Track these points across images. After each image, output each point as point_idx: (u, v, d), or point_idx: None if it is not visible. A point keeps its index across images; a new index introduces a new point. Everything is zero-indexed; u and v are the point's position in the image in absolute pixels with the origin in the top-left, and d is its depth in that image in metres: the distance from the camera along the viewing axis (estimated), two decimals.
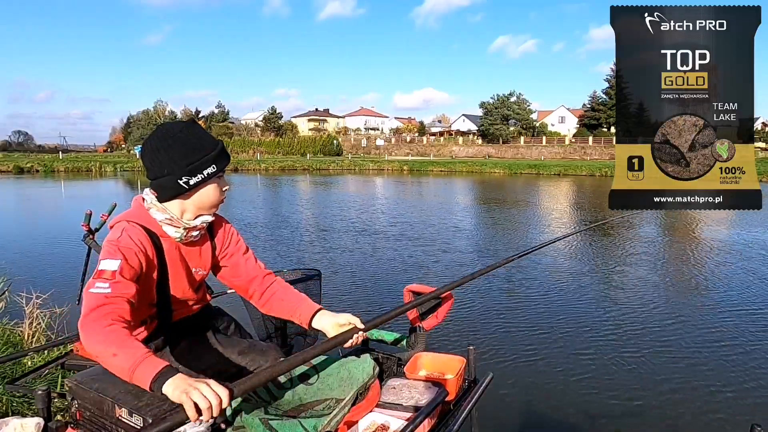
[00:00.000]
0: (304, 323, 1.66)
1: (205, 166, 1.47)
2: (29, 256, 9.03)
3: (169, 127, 1.50)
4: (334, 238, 11.29)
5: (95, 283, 1.30)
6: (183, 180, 1.44)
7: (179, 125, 1.51)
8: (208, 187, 1.50)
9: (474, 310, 6.19)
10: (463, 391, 1.78)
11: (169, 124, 1.52)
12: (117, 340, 1.20)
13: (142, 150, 1.51)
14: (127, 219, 1.47)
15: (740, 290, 7.13)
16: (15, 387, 2.09)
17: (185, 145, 1.45)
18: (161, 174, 1.45)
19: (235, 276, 1.72)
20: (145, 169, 1.50)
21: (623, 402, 4.02)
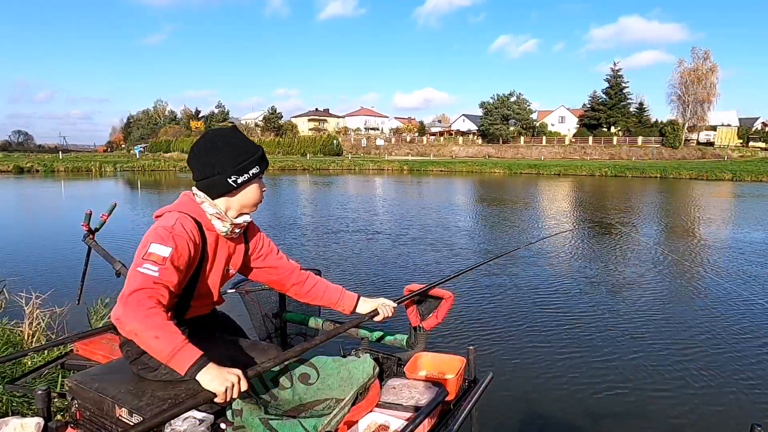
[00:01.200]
0: (348, 310, 1.90)
1: (250, 167, 1.60)
2: (29, 256, 9.03)
3: (218, 132, 1.63)
4: (334, 238, 11.29)
5: (144, 264, 1.38)
6: (232, 179, 1.57)
7: (226, 131, 1.64)
8: (251, 187, 1.63)
9: (474, 310, 6.19)
10: (463, 391, 1.78)
11: (216, 130, 1.65)
12: (160, 324, 1.31)
13: (190, 152, 1.62)
14: (179, 210, 1.56)
15: (740, 290, 7.13)
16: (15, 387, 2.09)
17: (234, 148, 1.58)
18: (212, 173, 1.57)
19: (273, 275, 1.87)
20: (193, 169, 1.61)
21: (623, 402, 4.01)
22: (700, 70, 56.72)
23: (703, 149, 54.10)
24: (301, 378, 1.64)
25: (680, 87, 57.56)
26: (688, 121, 57.31)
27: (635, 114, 63.26)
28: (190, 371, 1.28)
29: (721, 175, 35.93)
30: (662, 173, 38.28)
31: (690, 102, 56.76)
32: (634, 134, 58.97)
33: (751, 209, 18.08)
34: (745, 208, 18.48)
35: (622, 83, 62.44)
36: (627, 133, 60.27)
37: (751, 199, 21.89)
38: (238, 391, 1.28)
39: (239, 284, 2.48)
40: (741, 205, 19.77)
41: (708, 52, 57.26)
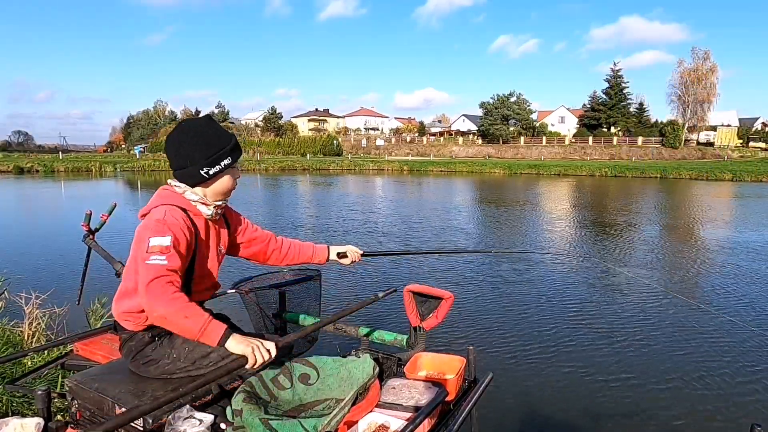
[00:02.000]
0: (323, 259, 2.15)
1: (222, 158, 1.66)
2: (29, 256, 9.03)
3: (190, 123, 1.68)
4: (334, 238, 11.28)
5: (150, 256, 1.46)
6: (204, 170, 1.64)
7: (199, 121, 1.68)
8: (224, 177, 1.70)
9: (474, 310, 6.19)
10: (463, 391, 1.78)
11: (189, 120, 1.69)
12: (186, 306, 1.44)
13: (166, 143, 1.68)
14: (163, 203, 1.62)
15: (740, 290, 7.13)
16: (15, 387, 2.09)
17: (206, 139, 1.64)
18: (185, 165, 1.64)
19: (254, 246, 2.00)
20: (169, 159, 1.68)
21: (623, 402, 4.02)
22: (700, 70, 56.72)
23: (703, 149, 54.10)
24: (301, 378, 1.65)
25: (680, 87, 57.58)
26: (688, 121, 57.31)
27: (635, 114, 63.26)
28: (221, 341, 1.44)
29: (721, 176, 35.94)
30: (662, 173, 38.29)
31: (690, 102, 56.75)
32: (634, 134, 58.97)
33: (751, 209, 18.08)
34: (745, 209, 18.48)
35: (622, 83, 62.45)
36: (627, 134, 60.27)
37: (751, 200, 21.89)
38: (265, 354, 1.44)
39: (239, 284, 2.48)
40: (741, 206, 19.77)
41: (708, 52, 57.32)
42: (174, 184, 1.67)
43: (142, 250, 1.49)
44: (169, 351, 1.64)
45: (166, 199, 1.64)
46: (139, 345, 1.63)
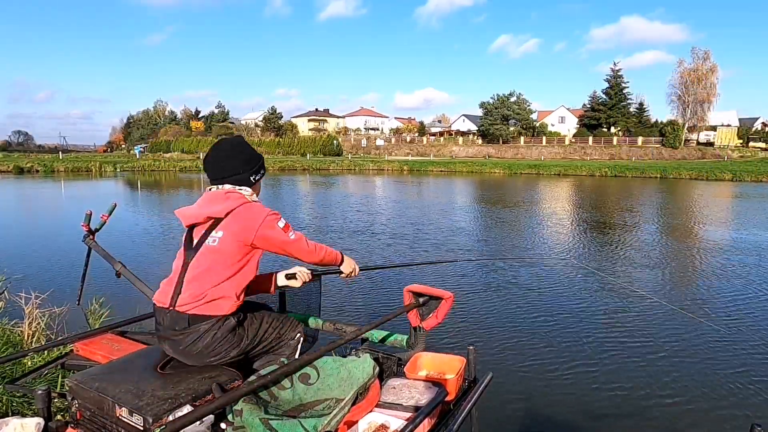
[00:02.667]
0: (272, 288, 2.25)
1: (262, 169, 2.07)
2: (29, 256, 9.03)
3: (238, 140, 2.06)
4: (334, 238, 11.29)
5: (288, 233, 1.90)
6: (253, 177, 2.00)
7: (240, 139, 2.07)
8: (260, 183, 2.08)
9: (474, 310, 6.19)
10: (463, 391, 1.78)
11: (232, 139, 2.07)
12: (325, 247, 2.06)
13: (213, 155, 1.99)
14: (246, 201, 1.92)
15: (741, 290, 7.13)
16: (15, 387, 2.08)
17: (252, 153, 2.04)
18: (239, 172, 1.97)
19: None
20: (219, 169, 1.96)
21: (623, 402, 4.02)
22: (700, 70, 56.72)
23: (703, 149, 54.10)
24: (301, 378, 1.65)
25: (680, 87, 57.56)
26: (688, 121, 57.30)
27: (635, 114, 63.26)
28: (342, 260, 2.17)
29: (721, 176, 35.94)
30: (662, 173, 38.29)
31: (690, 102, 56.74)
32: (634, 134, 58.96)
33: (752, 209, 18.08)
34: (745, 209, 18.48)
35: (622, 83, 62.45)
36: (627, 134, 60.27)
37: (751, 200, 21.89)
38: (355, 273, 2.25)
39: None
40: (741, 206, 19.77)
41: (708, 52, 57.31)
42: (237, 188, 1.95)
43: (279, 236, 1.88)
44: (245, 331, 1.85)
45: (243, 198, 1.93)
46: (226, 330, 1.79)
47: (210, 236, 1.85)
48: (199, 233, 1.90)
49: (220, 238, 1.83)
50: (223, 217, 1.85)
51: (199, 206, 1.94)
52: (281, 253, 1.93)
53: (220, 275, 1.80)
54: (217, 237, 1.84)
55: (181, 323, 1.77)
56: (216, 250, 1.82)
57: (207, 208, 1.89)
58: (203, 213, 1.88)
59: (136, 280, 2.80)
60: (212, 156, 1.99)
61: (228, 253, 1.83)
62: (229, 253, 1.83)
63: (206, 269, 1.81)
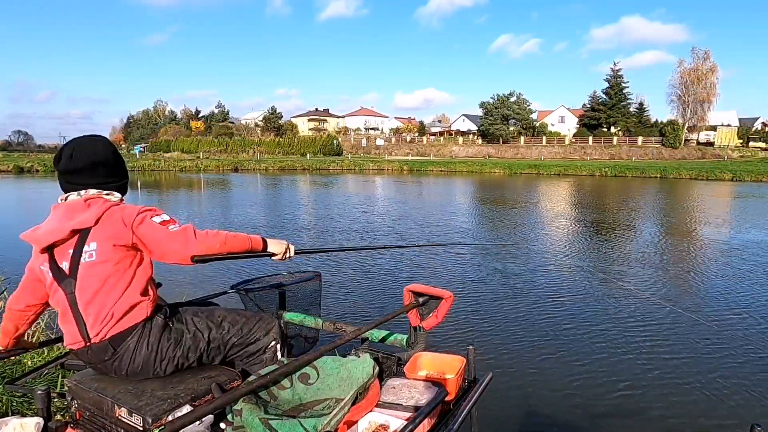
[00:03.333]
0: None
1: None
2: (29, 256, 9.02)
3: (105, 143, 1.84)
4: (334, 238, 11.29)
5: (169, 226, 1.66)
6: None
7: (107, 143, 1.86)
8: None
9: (474, 310, 6.19)
10: (463, 391, 1.78)
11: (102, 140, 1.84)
12: (227, 234, 1.74)
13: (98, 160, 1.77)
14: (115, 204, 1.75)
15: (741, 290, 7.13)
16: (15, 387, 2.08)
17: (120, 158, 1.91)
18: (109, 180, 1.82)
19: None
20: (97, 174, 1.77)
21: (623, 401, 4.02)
22: (700, 70, 56.71)
23: (703, 149, 54.10)
24: (300, 378, 1.65)
25: (680, 87, 57.54)
26: (688, 121, 57.29)
27: (635, 114, 63.24)
28: (264, 244, 1.88)
29: (721, 176, 35.93)
30: (662, 173, 38.29)
31: (690, 102, 56.73)
32: (634, 134, 58.95)
33: (752, 209, 18.08)
34: (745, 209, 18.48)
35: (622, 83, 62.43)
36: (627, 133, 60.26)
37: (751, 200, 21.89)
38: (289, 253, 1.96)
39: (239, 285, 2.49)
40: (741, 206, 19.77)
41: (708, 52, 57.29)
42: (103, 192, 1.76)
43: (154, 231, 1.64)
44: (184, 327, 1.72)
45: (111, 202, 1.74)
46: (156, 330, 1.66)
47: (84, 252, 1.60)
48: (65, 253, 1.63)
49: (95, 250, 1.60)
50: (92, 226, 1.61)
51: (57, 221, 1.68)
52: (165, 254, 1.65)
53: (116, 289, 1.61)
54: (92, 251, 1.60)
55: (106, 352, 1.60)
56: (96, 264, 1.59)
57: (68, 221, 1.63)
58: (65, 228, 1.62)
59: None
60: (74, 158, 1.72)
61: (112, 262, 1.61)
62: (114, 261, 1.61)
63: (99, 289, 1.59)
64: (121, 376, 1.64)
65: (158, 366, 1.64)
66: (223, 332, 1.79)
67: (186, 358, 1.70)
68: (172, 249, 1.63)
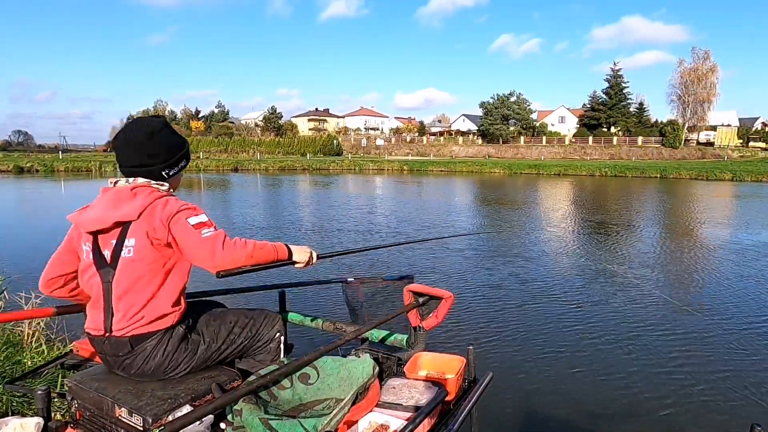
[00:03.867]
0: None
1: (183, 160, 1.82)
2: (29, 256, 9.02)
3: (151, 123, 1.74)
4: (334, 238, 11.28)
5: (202, 230, 1.59)
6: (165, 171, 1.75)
7: (159, 122, 1.76)
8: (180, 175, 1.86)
9: (474, 310, 6.19)
10: (463, 391, 1.78)
11: (149, 121, 1.76)
12: (254, 244, 1.67)
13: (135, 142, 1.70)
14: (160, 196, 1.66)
15: (741, 290, 7.13)
16: (15, 387, 2.08)
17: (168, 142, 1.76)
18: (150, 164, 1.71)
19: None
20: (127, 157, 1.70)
21: (623, 402, 4.01)
22: (700, 70, 56.72)
23: (703, 149, 54.10)
24: (300, 378, 1.65)
25: (680, 87, 57.57)
26: (688, 121, 57.30)
27: (635, 114, 63.24)
28: (289, 252, 1.81)
29: (721, 176, 35.93)
30: (662, 173, 38.28)
31: (690, 102, 56.74)
32: (634, 134, 58.95)
33: (752, 209, 18.07)
34: (745, 209, 18.48)
35: (622, 83, 62.45)
36: (627, 133, 60.26)
37: (751, 200, 21.89)
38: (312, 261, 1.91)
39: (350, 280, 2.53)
40: (741, 206, 19.77)
41: (708, 52, 57.31)
42: (149, 182, 1.71)
43: (187, 234, 1.58)
44: (201, 338, 1.72)
45: (157, 192, 1.68)
46: (176, 341, 1.65)
47: (124, 246, 1.60)
48: (108, 243, 1.62)
49: (133, 246, 1.59)
50: (135, 219, 1.59)
51: (103, 208, 1.64)
52: (193, 258, 1.61)
53: (149, 288, 1.60)
54: (131, 246, 1.59)
55: (123, 348, 1.59)
56: (134, 260, 1.59)
57: (113, 210, 1.61)
58: (109, 218, 1.60)
59: None
60: (121, 139, 1.70)
61: (150, 261, 1.59)
62: (151, 260, 1.60)
63: (132, 286, 1.59)
64: (128, 375, 1.63)
65: (169, 371, 1.65)
66: (234, 336, 1.80)
67: (197, 364, 1.71)
68: (199, 256, 1.60)
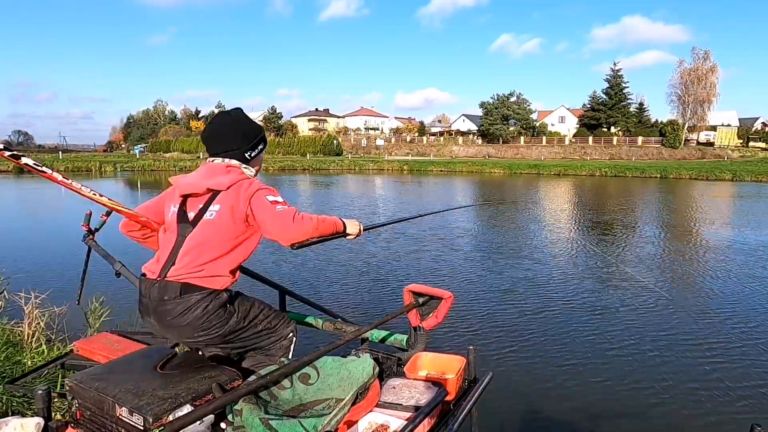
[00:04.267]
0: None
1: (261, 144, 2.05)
2: (28, 256, 9.03)
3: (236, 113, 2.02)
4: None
5: (276, 207, 1.81)
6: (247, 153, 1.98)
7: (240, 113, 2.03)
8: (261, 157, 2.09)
9: (474, 310, 6.19)
10: (463, 391, 1.78)
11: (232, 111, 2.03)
12: (318, 218, 1.88)
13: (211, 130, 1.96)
14: (245, 177, 1.89)
15: (741, 290, 7.13)
16: (15, 387, 2.09)
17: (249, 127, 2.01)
18: (232, 148, 1.94)
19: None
20: (215, 143, 1.94)
21: (623, 402, 4.02)
22: (700, 70, 56.71)
23: (703, 149, 54.09)
24: (301, 378, 1.65)
25: (680, 87, 57.57)
26: (688, 121, 57.30)
27: (635, 114, 63.23)
28: (344, 225, 2.04)
29: (721, 176, 35.93)
30: (662, 173, 38.28)
31: (690, 102, 56.74)
32: (634, 134, 58.95)
33: (752, 210, 18.07)
34: (745, 209, 18.48)
35: (622, 83, 62.44)
36: (627, 133, 60.26)
37: (751, 200, 21.89)
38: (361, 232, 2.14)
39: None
40: (741, 206, 19.77)
41: (708, 52, 57.31)
42: (235, 163, 1.93)
43: (264, 207, 1.79)
44: (235, 311, 1.83)
45: (242, 173, 1.92)
46: (217, 304, 1.77)
47: (208, 210, 1.81)
48: (195, 206, 1.85)
49: (217, 211, 1.80)
50: (224, 189, 1.81)
51: (200, 177, 1.88)
52: (268, 231, 1.82)
53: (216, 250, 1.78)
54: (215, 210, 1.81)
55: (172, 292, 1.74)
56: (214, 223, 1.79)
57: (208, 179, 1.84)
58: (204, 184, 1.83)
59: (136, 280, 2.79)
60: (209, 130, 1.96)
61: (225, 228, 1.80)
62: (227, 228, 1.80)
63: (203, 243, 1.78)
64: (161, 322, 1.77)
65: (199, 330, 1.76)
66: (257, 322, 1.90)
67: (222, 334, 1.80)
68: (274, 228, 1.79)
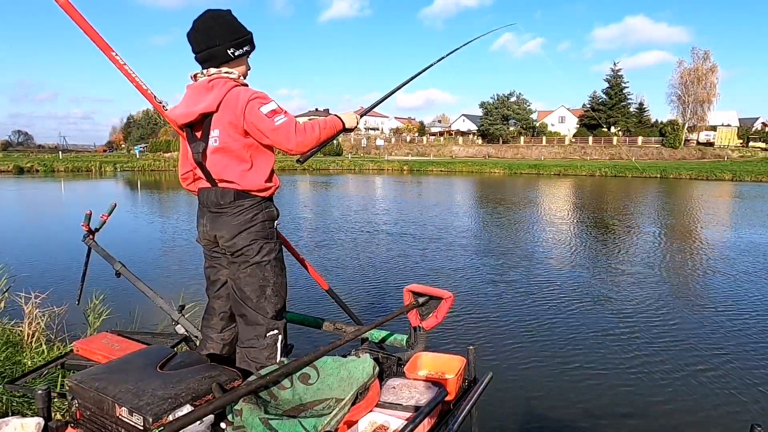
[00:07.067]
0: None
1: (246, 44, 1.94)
2: (29, 256, 9.03)
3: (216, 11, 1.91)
4: (334, 238, 11.28)
5: (275, 117, 1.73)
6: (230, 51, 1.87)
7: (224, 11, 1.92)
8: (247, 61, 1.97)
9: (474, 310, 6.19)
10: (463, 391, 1.78)
11: (216, 10, 1.92)
12: (318, 124, 1.83)
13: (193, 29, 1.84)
14: (238, 83, 1.83)
15: (741, 290, 7.13)
16: (15, 387, 2.09)
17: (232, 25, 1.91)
18: (212, 44, 1.83)
19: None
20: (196, 41, 1.84)
21: (623, 401, 4.01)
22: (700, 70, 56.70)
23: (703, 149, 54.08)
24: (301, 378, 1.65)
25: (680, 87, 57.55)
26: (688, 121, 57.29)
27: (635, 114, 63.22)
28: (342, 121, 1.97)
29: (721, 176, 35.93)
30: (662, 173, 38.28)
31: (690, 102, 56.73)
32: (634, 134, 58.95)
33: (752, 210, 18.07)
34: (745, 209, 18.48)
35: (622, 83, 62.42)
36: (627, 133, 60.25)
37: (751, 200, 21.89)
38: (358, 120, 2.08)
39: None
40: (741, 206, 19.77)
41: (708, 52, 57.29)
42: (224, 71, 1.84)
43: (261, 121, 1.72)
44: (271, 238, 1.94)
45: (233, 82, 1.82)
46: (262, 213, 1.88)
47: (210, 137, 1.79)
48: (198, 137, 1.83)
49: (218, 137, 1.78)
50: (215, 110, 1.76)
51: (187, 103, 1.83)
52: (268, 143, 1.79)
53: (238, 171, 1.80)
54: (216, 137, 1.78)
55: (227, 198, 1.81)
56: (219, 149, 1.79)
57: (195, 104, 1.79)
58: (194, 111, 1.78)
59: (136, 280, 2.80)
60: (194, 23, 1.87)
61: (234, 149, 1.78)
62: (235, 149, 1.78)
63: (223, 169, 1.80)
64: (216, 222, 1.85)
65: (236, 239, 1.82)
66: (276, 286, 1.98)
67: (254, 241, 1.84)
68: (277, 140, 1.76)
